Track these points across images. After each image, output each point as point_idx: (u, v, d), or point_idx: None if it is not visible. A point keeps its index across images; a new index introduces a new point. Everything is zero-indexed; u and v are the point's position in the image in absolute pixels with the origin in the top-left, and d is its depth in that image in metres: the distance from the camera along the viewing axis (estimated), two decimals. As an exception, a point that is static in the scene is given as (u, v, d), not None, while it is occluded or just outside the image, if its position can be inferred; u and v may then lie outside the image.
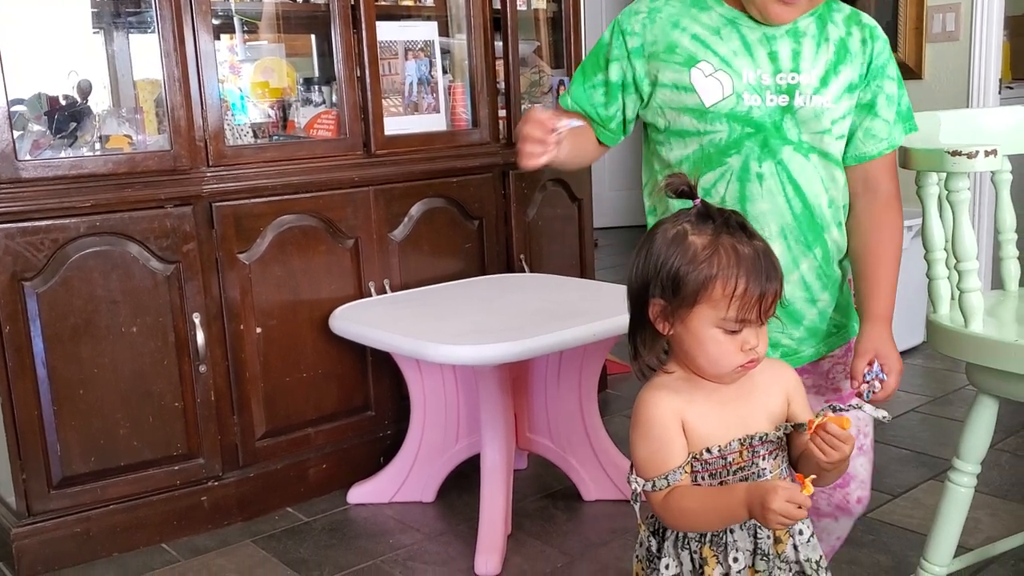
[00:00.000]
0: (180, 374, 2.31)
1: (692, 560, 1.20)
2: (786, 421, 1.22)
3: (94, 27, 2.56)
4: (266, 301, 2.42)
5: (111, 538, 2.27)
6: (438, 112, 2.81)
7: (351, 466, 2.59)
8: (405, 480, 2.49)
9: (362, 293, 2.59)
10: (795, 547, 1.21)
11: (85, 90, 2.38)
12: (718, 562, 1.18)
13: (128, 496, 2.29)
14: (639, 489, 1.17)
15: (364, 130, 2.57)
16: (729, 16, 1.41)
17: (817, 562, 1.22)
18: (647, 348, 1.20)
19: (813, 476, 1.09)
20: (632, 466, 1.20)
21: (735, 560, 1.18)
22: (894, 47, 3.69)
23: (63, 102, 2.32)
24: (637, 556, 1.28)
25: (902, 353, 3.85)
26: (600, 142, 1.56)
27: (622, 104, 1.50)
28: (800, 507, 1.06)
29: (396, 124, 2.67)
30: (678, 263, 1.13)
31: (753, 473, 1.19)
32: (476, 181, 2.80)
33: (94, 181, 2.19)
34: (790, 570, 1.21)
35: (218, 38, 2.35)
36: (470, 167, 2.79)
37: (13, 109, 2.13)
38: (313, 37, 2.88)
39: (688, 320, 1.14)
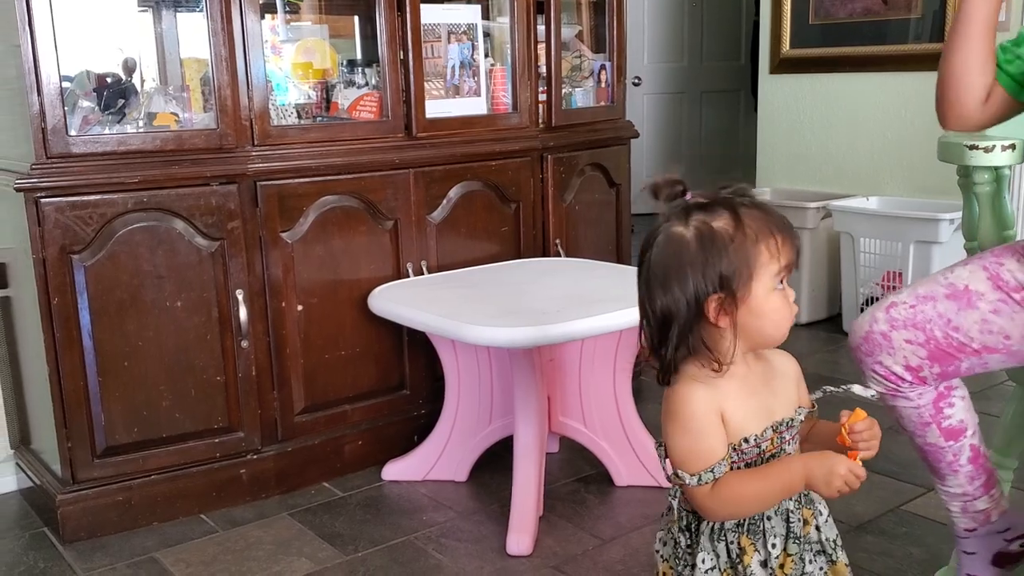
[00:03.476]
0: (222, 349, 2.36)
1: (728, 551, 1.20)
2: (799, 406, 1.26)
3: (141, 5, 2.60)
4: (307, 280, 2.46)
5: (152, 507, 2.33)
6: (479, 95, 2.82)
7: (386, 444, 2.63)
8: (439, 459, 2.52)
9: (400, 274, 2.62)
10: (817, 528, 1.24)
11: (131, 67, 2.42)
12: (756, 550, 1.20)
13: (169, 467, 2.34)
14: (691, 483, 1.16)
15: (406, 113, 2.59)
16: None
17: (834, 541, 1.26)
18: (701, 349, 1.17)
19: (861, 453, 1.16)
20: (668, 462, 1.20)
21: (773, 546, 1.20)
22: (941, 37, 3.66)
23: (110, 80, 2.36)
24: (662, 556, 1.28)
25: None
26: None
27: None
28: (858, 477, 1.14)
29: (437, 107, 2.69)
30: (725, 254, 1.12)
31: (782, 454, 1.22)
32: (514, 165, 2.82)
33: (142, 157, 2.23)
34: (812, 550, 1.24)
35: (262, 18, 2.38)
36: (509, 151, 2.80)
37: (63, 85, 2.16)
38: (356, 19, 2.90)
39: (749, 299, 1.14)
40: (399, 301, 2.39)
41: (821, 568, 1.24)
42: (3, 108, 2.33)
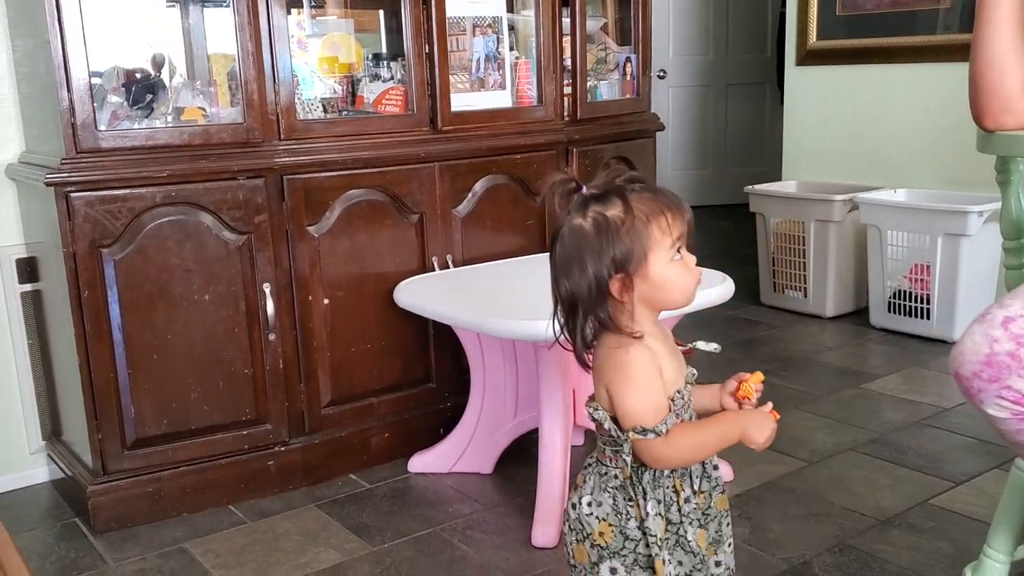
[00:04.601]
0: (250, 342, 2.37)
1: (664, 495, 1.32)
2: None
3: (169, 1, 2.62)
4: (333, 273, 2.47)
5: (181, 498, 2.35)
6: (504, 89, 2.82)
7: (412, 436, 2.64)
8: (464, 451, 2.53)
9: (425, 267, 2.62)
10: (715, 466, 1.39)
11: (159, 63, 2.44)
12: (683, 490, 1.33)
13: (198, 458, 2.36)
14: (651, 435, 1.27)
15: (431, 106, 2.60)
16: None
17: (718, 478, 1.40)
18: (610, 324, 1.30)
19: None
20: (616, 423, 1.30)
21: (698, 482, 1.35)
22: (970, 27, 3.61)
23: (138, 75, 2.39)
24: (597, 516, 1.35)
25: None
26: None
27: None
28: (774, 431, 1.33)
29: (462, 100, 2.69)
30: (618, 238, 1.25)
31: (690, 408, 1.37)
32: (539, 158, 2.81)
33: (169, 152, 2.25)
34: (713, 488, 1.38)
35: (288, 12, 2.39)
36: (534, 144, 2.80)
37: (92, 81, 2.18)
38: (381, 12, 2.91)
39: (648, 273, 1.27)
40: (424, 295, 2.39)
41: (688, 500, 1.36)
42: (33, 104, 2.36)
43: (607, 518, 1.34)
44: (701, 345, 1.46)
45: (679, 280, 1.30)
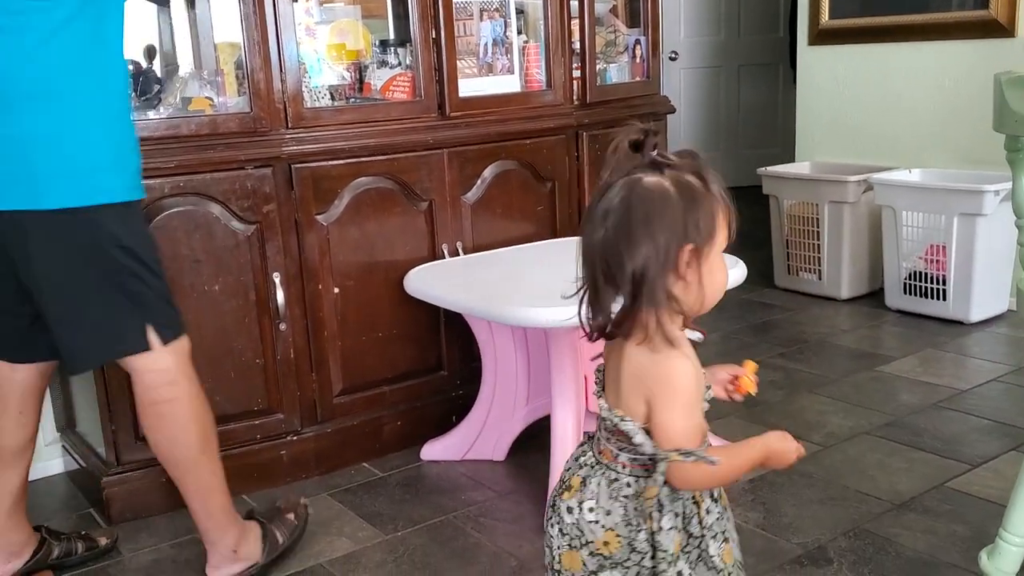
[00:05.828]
0: (260, 332, 2.37)
1: (684, 507, 1.25)
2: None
3: (174, -10, 2.61)
4: (343, 262, 2.46)
5: (195, 488, 2.36)
6: (512, 73, 2.80)
7: (424, 424, 2.64)
8: (477, 439, 2.53)
9: (435, 255, 2.61)
10: None
11: (166, 53, 2.43)
12: (702, 499, 1.27)
13: (211, 449, 2.36)
14: (696, 458, 1.17)
15: (439, 92, 2.58)
16: None
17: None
18: (664, 301, 1.16)
19: None
20: (654, 441, 1.19)
21: (717, 490, 1.30)
22: (984, 4, 3.57)
23: (144, 66, 2.38)
24: (603, 526, 1.24)
25: (986, 321, 3.73)
26: None
27: None
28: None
29: (470, 86, 2.67)
30: (699, 207, 1.16)
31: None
32: (549, 143, 2.80)
33: (177, 142, 2.24)
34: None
35: (295, 0, 2.38)
36: (543, 129, 2.78)
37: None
38: (388, -1, 2.90)
39: (709, 255, 1.17)
40: (435, 282, 2.39)
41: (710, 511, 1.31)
42: (41, 96, 2.35)
43: (615, 528, 1.24)
44: (688, 334, 1.38)
45: (721, 274, 1.19)
